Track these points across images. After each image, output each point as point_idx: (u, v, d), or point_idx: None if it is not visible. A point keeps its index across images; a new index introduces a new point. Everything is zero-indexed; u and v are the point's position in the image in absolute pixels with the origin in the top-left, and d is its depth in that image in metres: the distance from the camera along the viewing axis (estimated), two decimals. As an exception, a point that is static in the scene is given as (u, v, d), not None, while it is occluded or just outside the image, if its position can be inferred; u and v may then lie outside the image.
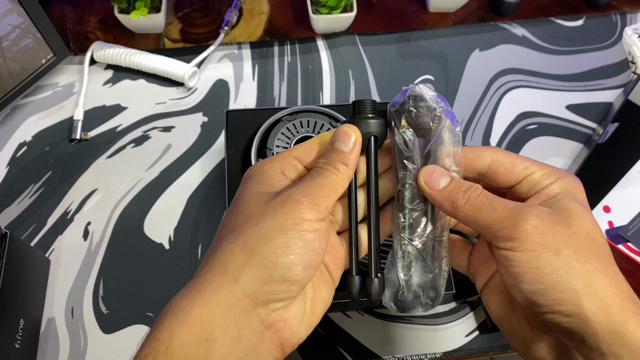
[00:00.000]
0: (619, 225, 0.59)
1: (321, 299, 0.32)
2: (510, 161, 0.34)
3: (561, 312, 0.28)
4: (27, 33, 0.61)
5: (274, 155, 0.34)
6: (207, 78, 0.71)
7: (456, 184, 0.32)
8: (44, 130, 0.66)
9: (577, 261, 0.28)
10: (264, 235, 0.28)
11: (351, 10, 0.72)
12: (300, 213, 0.29)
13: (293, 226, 0.29)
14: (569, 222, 0.30)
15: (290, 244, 0.28)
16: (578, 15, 0.78)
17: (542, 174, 0.33)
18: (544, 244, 0.29)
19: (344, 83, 0.71)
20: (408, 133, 0.34)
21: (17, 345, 0.49)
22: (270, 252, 0.28)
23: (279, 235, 0.28)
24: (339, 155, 0.32)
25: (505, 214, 0.30)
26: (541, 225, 0.29)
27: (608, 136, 0.64)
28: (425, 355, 0.55)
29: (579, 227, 0.30)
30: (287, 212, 0.29)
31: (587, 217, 0.30)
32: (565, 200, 0.31)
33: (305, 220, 0.29)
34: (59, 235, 0.60)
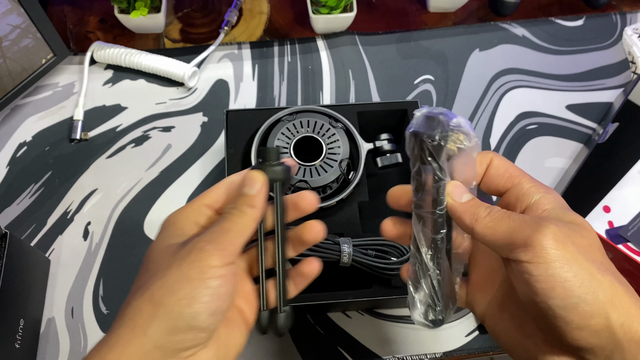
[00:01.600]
0: (619, 225, 0.59)
1: (234, 343, 0.33)
2: (505, 167, 0.35)
3: (591, 326, 0.27)
4: (27, 33, 0.61)
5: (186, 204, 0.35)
6: (207, 78, 0.71)
7: (478, 201, 0.33)
8: (44, 130, 0.66)
9: (598, 273, 0.28)
10: (170, 287, 0.29)
11: (351, 10, 0.72)
12: (204, 260, 0.29)
13: (198, 275, 0.29)
14: (583, 234, 0.30)
15: (195, 294, 0.29)
16: (578, 15, 0.78)
17: (530, 185, 0.33)
18: (566, 255, 0.28)
19: (344, 83, 0.71)
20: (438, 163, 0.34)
21: (17, 345, 0.49)
22: (175, 304, 0.28)
23: (183, 285, 0.29)
24: (245, 199, 0.33)
25: (524, 224, 0.30)
26: (561, 234, 0.28)
27: (608, 136, 0.64)
28: (425, 355, 0.55)
29: (591, 240, 0.30)
30: (191, 261, 0.29)
31: (592, 230, 0.30)
32: (569, 214, 0.31)
33: (210, 267, 0.29)
34: (59, 235, 0.60)
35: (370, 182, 0.58)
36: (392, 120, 0.62)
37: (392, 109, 0.61)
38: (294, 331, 0.56)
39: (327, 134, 0.57)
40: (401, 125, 0.62)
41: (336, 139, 0.56)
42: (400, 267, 0.51)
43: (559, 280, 0.27)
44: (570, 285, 0.27)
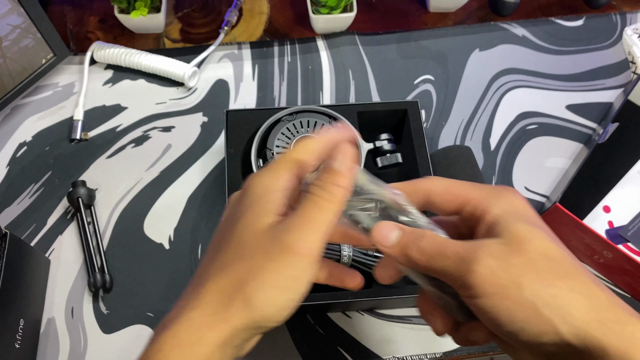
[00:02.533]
0: (619, 225, 0.59)
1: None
2: (445, 188, 0.34)
3: (545, 343, 0.27)
4: (27, 33, 0.61)
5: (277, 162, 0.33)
6: (207, 78, 0.71)
7: (407, 237, 0.32)
8: (44, 130, 0.66)
9: (541, 289, 0.27)
10: (265, 294, 0.29)
11: (351, 10, 0.72)
12: (297, 265, 0.30)
13: (292, 284, 0.30)
14: (521, 249, 0.28)
15: (286, 304, 0.30)
16: (578, 15, 0.78)
17: (478, 197, 0.32)
18: (503, 283, 0.28)
19: (344, 83, 0.71)
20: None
21: (17, 345, 0.49)
22: (267, 309, 0.30)
23: (279, 292, 0.30)
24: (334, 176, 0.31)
25: (458, 261, 0.29)
26: (494, 264, 0.28)
27: (608, 136, 0.64)
28: (425, 355, 0.55)
29: (532, 251, 0.28)
30: (286, 266, 0.30)
31: (537, 237, 0.29)
32: (510, 225, 0.30)
33: (303, 270, 0.30)
34: (59, 235, 0.60)
35: (370, 182, 0.58)
36: (392, 120, 0.62)
37: (392, 109, 0.61)
38: (294, 331, 0.56)
39: (327, 134, 0.56)
40: (401, 125, 0.62)
41: (336, 139, 0.56)
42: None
43: (502, 309, 0.28)
44: (512, 312, 0.28)
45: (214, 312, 0.29)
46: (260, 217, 0.31)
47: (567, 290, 0.28)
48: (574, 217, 0.55)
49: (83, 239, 0.59)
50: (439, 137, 0.68)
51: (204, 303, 0.30)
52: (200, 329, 0.29)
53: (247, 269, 0.30)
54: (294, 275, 0.30)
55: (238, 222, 0.32)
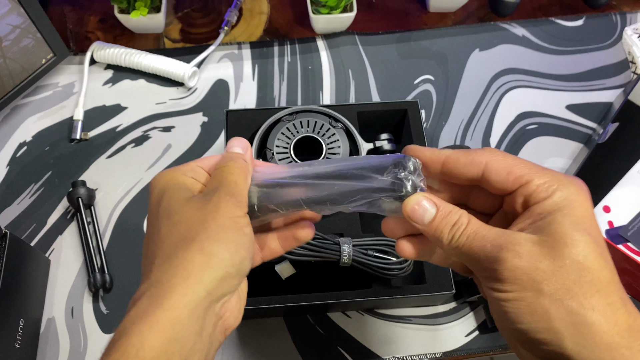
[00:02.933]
0: (619, 225, 0.59)
1: (244, 285, 0.35)
2: (506, 167, 0.31)
3: (544, 350, 0.27)
4: (27, 33, 0.61)
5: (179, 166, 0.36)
6: (207, 78, 0.71)
7: (441, 220, 0.31)
8: (44, 130, 0.66)
9: (561, 300, 0.26)
10: (215, 237, 0.30)
11: (351, 10, 0.72)
12: (233, 212, 0.31)
13: (233, 224, 0.31)
14: (556, 254, 0.27)
15: (238, 241, 0.31)
16: (578, 15, 0.78)
17: (539, 184, 0.30)
18: (524, 285, 0.27)
19: (344, 83, 0.71)
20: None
21: (17, 345, 0.49)
22: (225, 251, 0.30)
23: (227, 234, 0.31)
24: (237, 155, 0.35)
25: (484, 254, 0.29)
26: (521, 264, 0.27)
27: (608, 136, 0.64)
28: (425, 355, 0.55)
29: (567, 258, 0.27)
30: (223, 213, 0.31)
31: (579, 243, 0.27)
32: (556, 223, 0.28)
33: (239, 216, 0.32)
34: (59, 235, 0.60)
35: (370, 182, 0.58)
36: (392, 120, 0.62)
37: (392, 109, 0.61)
38: (294, 331, 0.56)
39: (327, 134, 0.57)
40: (401, 125, 0.62)
41: (336, 139, 0.56)
42: (399, 267, 0.51)
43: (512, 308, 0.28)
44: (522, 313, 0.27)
45: (172, 278, 0.29)
46: (179, 193, 0.33)
47: (588, 308, 0.26)
48: (574, 217, 0.55)
49: (83, 239, 0.59)
50: (439, 137, 0.68)
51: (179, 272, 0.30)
52: (161, 296, 0.29)
53: (198, 230, 0.30)
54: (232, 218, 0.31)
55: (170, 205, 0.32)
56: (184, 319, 0.28)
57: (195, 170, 0.35)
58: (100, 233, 0.60)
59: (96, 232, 0.60)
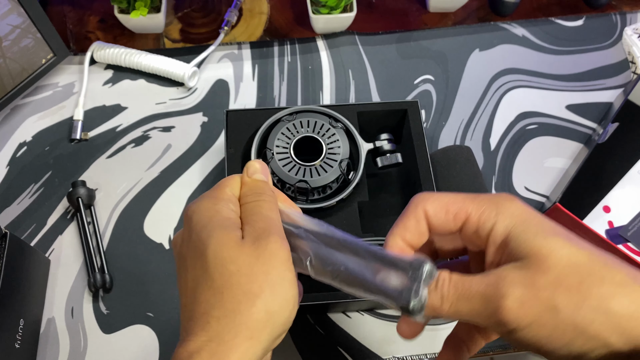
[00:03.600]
0: (619, 225, 0.59)
1: None
2: (441, 207, 0.31)
3: (596, 356, 0.26)
4: (27, 33, 0.61)
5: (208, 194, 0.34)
6: (207, 78, 0.71)
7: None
8: (44, 130, 0.66)
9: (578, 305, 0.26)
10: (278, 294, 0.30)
11: (351, 10, 0.72)
12: (289, 259, 0.31)
13: (291, 275, 0.31)
14: (544, 267, 0.26)
15: (294, 296, 0.31)
16: (578, 15, 0.78)
17: (478, 213, 0.30)
18: (537, 311, 0.26)
19: (344, 83, 0.71)
20: None
21: (17, 345, 0.49)
22: (285, 310, 0.30)
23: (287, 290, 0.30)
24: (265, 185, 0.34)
25: (484, 302, 0.27)
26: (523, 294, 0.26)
27: (608, 136, 0.64)
28: (425, 355, 0.55)
29: (556, 266, 0.26)
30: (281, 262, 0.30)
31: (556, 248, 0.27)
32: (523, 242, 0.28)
33: (290, 260, 0.31)
34: (59, 235, 0.60)
35: (370, 182, 0.58)
36: (392, 120, 0.62)
37: (392, 109, 0.61)
38: (294, 331, 0.56)
39: (327, 134, 0.57)
40: (401, 125, 0.62)
41: (336, 139, 0.56)
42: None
43: (542, 339, 0.26)
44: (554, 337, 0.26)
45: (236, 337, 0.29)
46: (228, 231, 0.31)
47: (606, 297, 0.26)
48: (574, 217, 0.55)
49: (83, 239, 0.59)
50: (439, 137, 0.68)
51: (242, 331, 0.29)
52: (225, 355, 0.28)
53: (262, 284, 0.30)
54: (288, 265, 0.31)
55: (221, 247, 0.31)
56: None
57: (233, 201, 0.33)
58: (100, 233, 0.60)
59: (96, 232, 0.60)
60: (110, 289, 0.57)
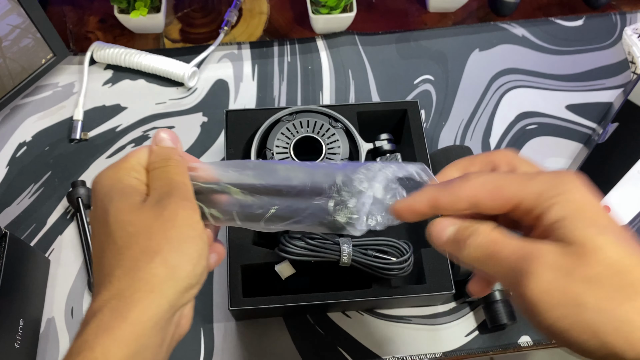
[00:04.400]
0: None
1: None
2: (493, 191, 0.29)
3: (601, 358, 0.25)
4: (27, 33, 0.61)
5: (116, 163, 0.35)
6: (207, 78, 0.71)
7: (459, 233, 0.30)
8: (44, 130, 0.66)
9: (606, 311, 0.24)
10: (177, 249, 0.30)
11: (351, 10, 0.72)
12: (192, 217, 0.32)
13: (195, 233, 0.31)
14: (587, 261, 0.25)
15: (199, 251, 0.31)
16: (578, 15, 0.78)
17: (534, 197, 0.28)
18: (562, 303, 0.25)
19: (344, 83, 0.71)
20: None
21: (17, 345, 0.49)
22: (187, 263, 0.30)
23: (189, 245, 0.31)
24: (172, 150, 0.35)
25: (511, 270, 0.27)
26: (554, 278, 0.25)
27: (608, 136, 0.64)
28: (425, 355, 0.55)
29: (600, 264, 0.25)
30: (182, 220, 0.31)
31: (606, 246, 0.25)
32: (573, 230, 0.26)
33: (197, 222, 0.32)
34: (59, 235, 0.60)
35: (370, 182, 0.58)
36: (392, 120, 0.62)
37: (392, 109, 0.61)
38: (294, 331, 0.56)
39: (327, 134, 0.57)
40: (401, 125, 0.62)
41: (336, 139, 0.56)
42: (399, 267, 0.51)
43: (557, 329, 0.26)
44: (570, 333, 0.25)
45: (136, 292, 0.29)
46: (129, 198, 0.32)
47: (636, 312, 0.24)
48: (573, 217, 0.55)
49: (83, 239, 0.59)
50: (438, 137, 0.68)
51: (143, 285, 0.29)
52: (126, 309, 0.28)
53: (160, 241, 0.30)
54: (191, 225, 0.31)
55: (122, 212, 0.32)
56: (148, 332, 0.29)
57: (137, 169, 0.34)
58: (100, 233, 0.60)
59: None
60: None
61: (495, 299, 0.54)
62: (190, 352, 0.54)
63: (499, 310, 0.54)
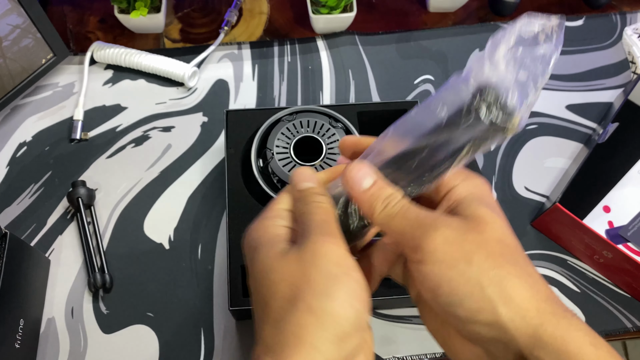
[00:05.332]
0: (619, 225, 0.59)
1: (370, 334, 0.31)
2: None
3: (480, 321, 0.28)
4: (27, 33, 0.61)
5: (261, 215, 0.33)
6: (207, 78, 0.71)
7: (377, 190, 0.31)
8: (44, 130, 0.66)
9: (489, 268, 0.28)
10: (322, 291, 0.27)
11: (351, 10, 0.72)
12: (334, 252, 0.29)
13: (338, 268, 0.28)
14: (479, 229, 0.29)
15: (350, 290, 0.28)
16: (578, 15, 0.78)
17: (448, 180, 0.32)
18: (454, 255, 0.28)
19: (344, 83, 0.71)
20: None
21: (17, 345, 0.49)
22: (337, 306, 0.27)
23: (335, 285, 0.27)
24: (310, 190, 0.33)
25: (416, 224, 0.30)
26: (451, 235, 0.29)
27: (608, 136, 0.64)
28: (425, 355, 0.55)
29: (489, 234, 0.29)
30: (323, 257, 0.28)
31: (496, 222, 0.30)
32: (474, 206, 0.30)
33: (342, 256, 0.29)
34: (59, 235, 0.60)
35: (370, 182, 0.58)
36: (392, 120, 0.61)
37: (392, 109, 0.61)
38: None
39: (327, 134, 0.57)
40: (401, 125, 0.62)
41: (336, 139, 0.56)
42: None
43: (445, 279, 0.28)
44: (456, 283, 0.28)
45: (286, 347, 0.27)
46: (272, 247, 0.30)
47: (514, 275, 0.28)
48: (574, 217, 0.55)
49: (83, 239, 0.59)
50: (439, 137, 0.68)
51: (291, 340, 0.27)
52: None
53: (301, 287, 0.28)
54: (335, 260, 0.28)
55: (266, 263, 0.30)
56: None
57: (283, 215, 0.33)
58: (100, 233, 0.60)
59: (96, 232, 0.60)
60: (110, 289, 0.57)
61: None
62: (190, 352, 0.54)
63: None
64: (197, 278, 0.58)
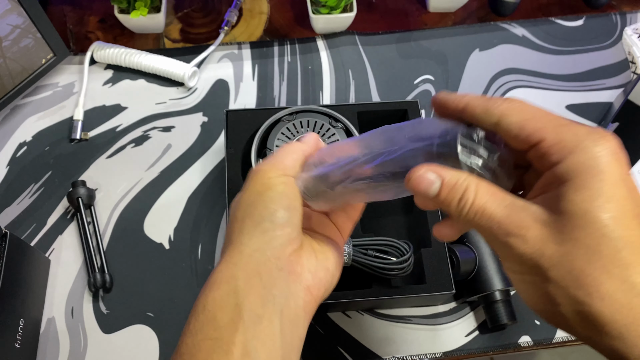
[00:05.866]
0: (619, 225, 0.59)
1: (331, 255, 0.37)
2: (519, 122, 0.28)
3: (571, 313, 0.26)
4: (27, 33, 0.61)
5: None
6: (207, 78, 0.71)
7: (446, 193, 0.29)
8: (44, 130, 0.66)
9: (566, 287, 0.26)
10: (247, 204, 0.34)
11: (351, 10, 0.72)
12: (265, 177, 0.35)
13: (264, 187, 0.34)
14: (565, 238, 0.26)
15: (268, 200, 0.34)
16: (578, 15, 0.78)
17: (551, 145, 0.27)
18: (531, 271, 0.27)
19: (344, 83, 0.71)
20: None
21: (17, 345, 0.49)
22: (254, 212, 0.34)
23: (258, 198, 0.34)
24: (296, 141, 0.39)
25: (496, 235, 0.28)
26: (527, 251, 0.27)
27: (608, 136, 0.64)
28: (425, 355, 0.55)
29: (577, 242, 0.25)
30: (257, 181, 0.35)
31: (591, 225, 0.25)
32: (567, 200, 0.26)
33: (271, 177, 0.35)
34: (59, 235, 0.60)
35: (370, 182, 0.58)
36: (392, 120, 0.62)
37: (392, 109, 0.61)
38: (294, 331, 0.56)
39: (327, 134, 0.57)
40: (401, 125, 0.62)
41: (336, 139, 0.56)
42: (399, 267, 0.51)
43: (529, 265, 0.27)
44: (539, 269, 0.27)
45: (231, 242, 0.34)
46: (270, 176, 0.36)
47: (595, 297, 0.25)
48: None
49: (83, 239, 0.59)
50: (439, 137, 0.68)
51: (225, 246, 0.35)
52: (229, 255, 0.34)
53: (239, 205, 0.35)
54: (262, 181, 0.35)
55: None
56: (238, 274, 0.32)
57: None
58: (100, 233, 0.60)
59: (96, 232, 0.60)
60: (110, 288, 0.57)
61: (495, 299, 0.54)
62: (191, 352, 0.54)
63: (499, 310, 0.54)
64: (197, 278, 0.58)
